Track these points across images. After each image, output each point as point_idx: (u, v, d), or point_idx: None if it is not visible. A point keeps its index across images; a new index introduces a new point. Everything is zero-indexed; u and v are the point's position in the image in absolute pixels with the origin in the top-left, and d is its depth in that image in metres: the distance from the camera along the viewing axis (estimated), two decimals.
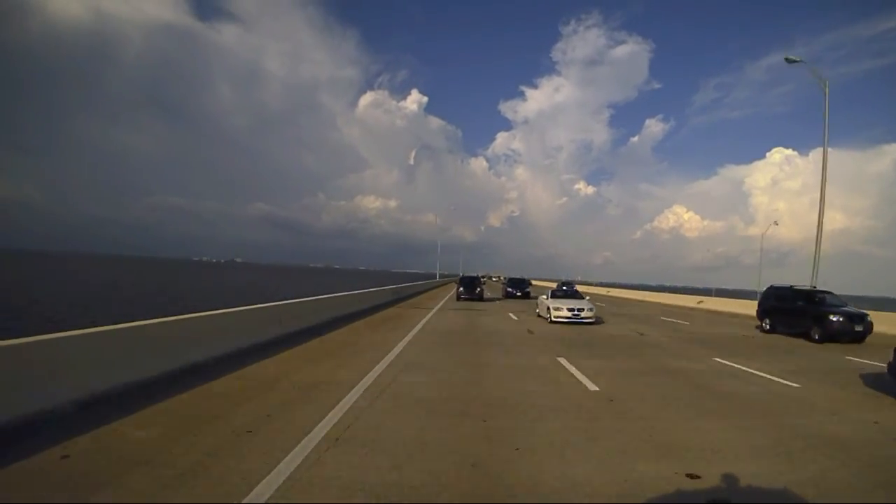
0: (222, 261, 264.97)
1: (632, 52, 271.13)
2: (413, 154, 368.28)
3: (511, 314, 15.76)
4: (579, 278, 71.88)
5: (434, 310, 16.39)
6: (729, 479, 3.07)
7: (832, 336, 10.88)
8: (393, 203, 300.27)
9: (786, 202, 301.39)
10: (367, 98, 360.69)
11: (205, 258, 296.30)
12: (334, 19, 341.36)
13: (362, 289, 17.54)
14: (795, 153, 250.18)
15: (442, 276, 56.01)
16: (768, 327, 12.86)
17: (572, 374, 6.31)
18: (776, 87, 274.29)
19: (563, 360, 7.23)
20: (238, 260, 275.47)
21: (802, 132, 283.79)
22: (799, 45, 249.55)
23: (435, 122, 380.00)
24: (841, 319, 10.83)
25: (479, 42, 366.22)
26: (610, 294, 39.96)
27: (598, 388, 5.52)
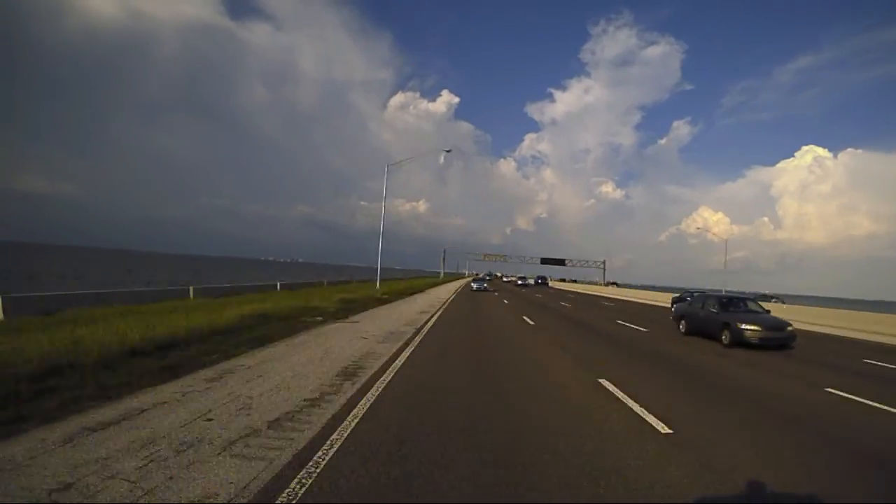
0: (288, 260, 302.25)
1: (664, 53, 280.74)
2: (442, 157, 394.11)
3: None
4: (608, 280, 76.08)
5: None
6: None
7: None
8: (423, 206, 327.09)
9: (814, 205, 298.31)
10: (398, 100, 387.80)
11: (271, 258, 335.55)
12: (369, 22, 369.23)
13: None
14: (827, 152, 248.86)
15: (447, 273, 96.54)
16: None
17: None
18: (804, 91, 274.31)
19: None
20: (300, 260, 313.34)
21: (830, 134, 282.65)
22: (827, 49, 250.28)
23: (464, 126, 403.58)
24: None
25: (507, 43, 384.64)
26: None
27: None
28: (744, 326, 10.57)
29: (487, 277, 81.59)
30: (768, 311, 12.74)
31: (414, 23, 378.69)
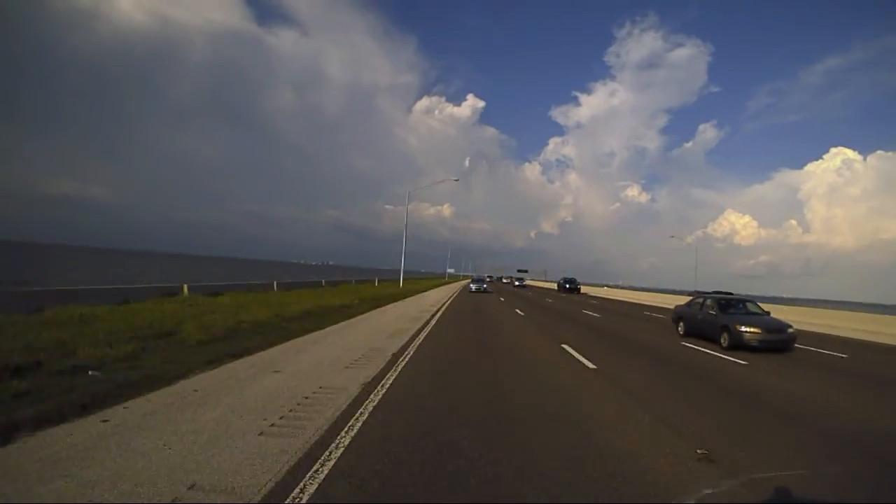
0: (319, 263, 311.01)
1: (690, 55, 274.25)
2: (467, 161, 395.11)
3: None
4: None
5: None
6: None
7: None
8: (448, 209, 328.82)
9: (843, 208, 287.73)
10: (423, 104, 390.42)
11: (302, 261, 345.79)
12: (394, 27, 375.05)
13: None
14: (856, 155, 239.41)
15: (453, 275, 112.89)
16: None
17: None
18: (833, 92, 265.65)
19: None
20: (330, 262, 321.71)
21: (860, 137, 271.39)
22: (856, 50, 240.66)
23: (489, 130, 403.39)
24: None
25: (532, 46, 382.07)
26: None
27: None
28: (743, 329, 10.84)
29: (488, 279, 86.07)
30: (768, 313, 12.74)
31: (439, 27, 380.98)
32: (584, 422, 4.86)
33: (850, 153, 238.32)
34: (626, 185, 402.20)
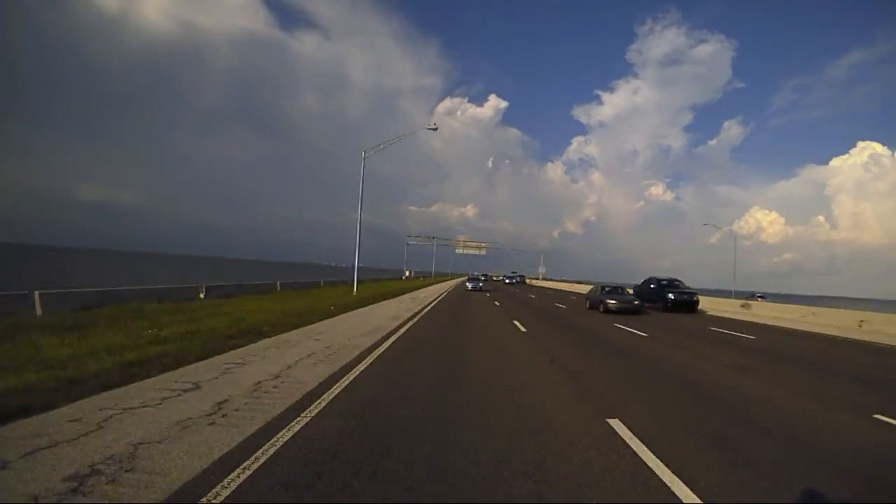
0: (350, 265, 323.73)
1: (714, 51, 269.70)
2: (490, 162, 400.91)
3: None
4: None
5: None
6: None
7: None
8: (471, 210, 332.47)
9: (870, 204, 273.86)
10: (446, 105, 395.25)
11: (333, 263, 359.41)
12: (416, 30, 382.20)
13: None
14: (885, 149, 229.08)
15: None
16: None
17: None
18: (859, 86, 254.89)
19: None
20: (360, 265, 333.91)
21: (887, 130, 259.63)
22: (881, 43, 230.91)
23: (512, 132, 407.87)
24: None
25: (553, 46, 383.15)
26: None
27: None
28: (608, 301, 19.38)
29: (483, 278, 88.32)
30: (631, 293, 22.11)
31: (461, 28, 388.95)
32: None
33: (878, 147, 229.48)
34: (650, 184, 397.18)
